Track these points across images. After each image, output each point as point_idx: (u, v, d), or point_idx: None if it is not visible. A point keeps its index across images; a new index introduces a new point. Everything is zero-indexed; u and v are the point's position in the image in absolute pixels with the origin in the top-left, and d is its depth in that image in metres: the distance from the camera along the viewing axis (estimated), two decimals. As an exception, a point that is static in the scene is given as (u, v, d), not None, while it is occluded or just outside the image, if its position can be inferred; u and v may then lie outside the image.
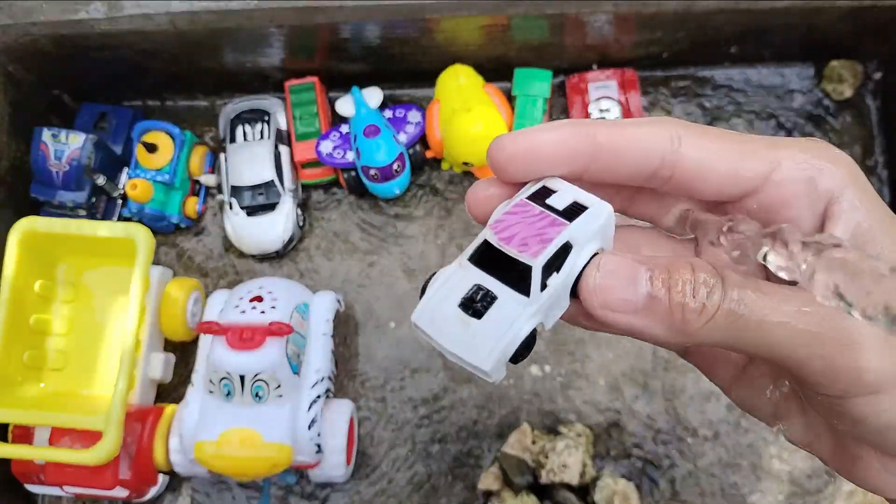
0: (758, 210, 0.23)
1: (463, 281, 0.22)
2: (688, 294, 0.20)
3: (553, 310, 0.22)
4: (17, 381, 0.57)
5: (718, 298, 0.20)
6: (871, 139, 0.66)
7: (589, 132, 0.22)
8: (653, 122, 0.23)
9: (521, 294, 0.21)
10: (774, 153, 0.22)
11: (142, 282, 0.55)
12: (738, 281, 0.20)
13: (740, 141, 0.23)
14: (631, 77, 0.64)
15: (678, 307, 0.20)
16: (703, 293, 0.20)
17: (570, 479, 0.55)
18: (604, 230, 0.22)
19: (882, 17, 0.58)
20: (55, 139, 0.60)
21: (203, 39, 0.58)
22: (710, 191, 0.23)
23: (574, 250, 0.22)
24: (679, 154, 0.22)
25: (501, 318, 0.21)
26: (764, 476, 0.60)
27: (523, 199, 0.23)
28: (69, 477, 0.56)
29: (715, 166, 0.22)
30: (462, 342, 0.21)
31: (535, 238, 0.22)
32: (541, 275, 0.21)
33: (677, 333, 0.21)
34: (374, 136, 0.61)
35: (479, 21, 0.57)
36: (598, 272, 0.21)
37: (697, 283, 0.20)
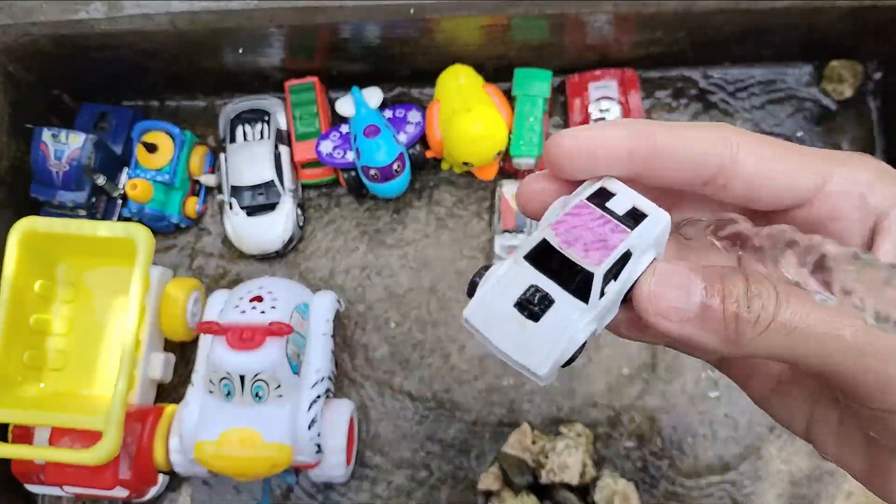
0: (806, 222, 0.23)
1: (518, 279, 0.22)
2: (742, 305, 0.20)
3: (607, 316, 0.22)
4: (17, 381, 0.57)
5: (773, 310, 0.20)
6: (871, 139, 0.66)
7: (649, 133, 0.22)
8: (711, 127, 0.23)
9: (579, 300, 0.21)
10: (828, 166, 0.22)
11: (142, 282, 0.55)
12: (793, 291, 0.20)
13: (796, 152, 0.23)
14: (631, 77, 0.64)
15: (732, 317, 0.20)
16: (758, 304, 0.20)
17: (570, 479, 0.55)
18: (659, 239, 0.22)
19: (882, 17, 0.58)
20: (55, 139, 0.60)
21: (203, 39, 0.58)
22: (763, 201, 0.23)
23: (633, 258, 0.21)
24: (736, 161, 0.22)
25: (559, 324, 0.21)
26: (764, 476, 0.60)
27: (583, 200, 0.22)
28: (69, 477, 0.56)
29: (771, 176, 0.22)
30: (517, 344, 0.21)
31: (597, 244, 0.21)
32: (601, 282, 0.21)
33: (729, 344, 0.21)
34: (374, 136, 0.61)
35: (479, 21, 0.57)
36: (654, 279, 0.21)
37: (752, 294, 0.20)
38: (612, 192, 0.22)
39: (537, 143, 0.62)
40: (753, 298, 0.20)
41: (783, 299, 0.20)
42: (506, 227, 0.63)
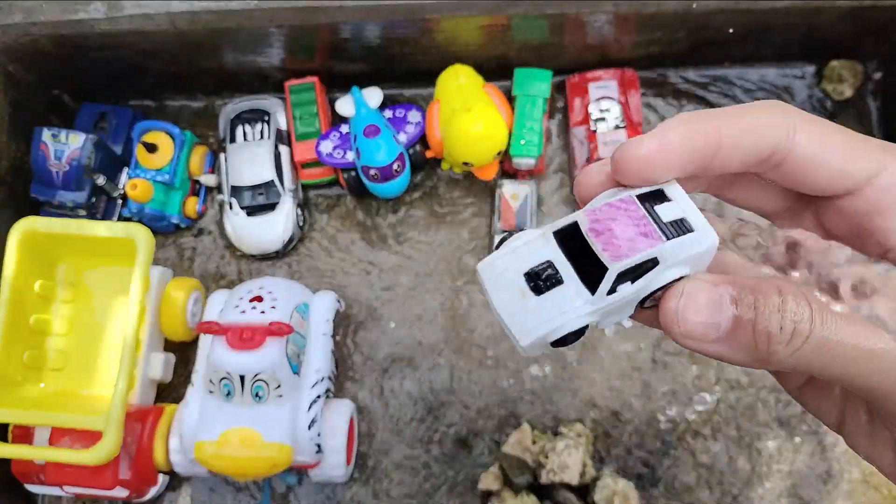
0: (854, 213, 0.22)
1: (539, 251, 0.22)
2: (774, 324, 0.20)
3: (614, 315, 0.22)
4: (17, 381, 0.57)
5: (807, 329, 0.20)
6: (871, 139, 0.66)
7: (713, 127, 0.22)
8: (769, 109, 0.22)
9: (586, 289, 0.21)
10: (884, 157, 0.22)
11: (142, 282, 0.55)
12: (826, 306, 0.20)
13: (855, 139, 0.22)
14: (631, 77, 0.64)
15: (763, 338, 0.20)
16: (791, 322, 0.20)
17: (570, 479, 0.55)
18: (700, 258, 0.22)
19: (882, 17, 0.58)
20: (55, 139, 0.60)
21: (203, 39, 0.58)
22: (817, 184, 0.22)
23: (659, 268, 0.21)
24: (793, 142, 0.22)
25: (558, 304, 0.21)
26: (764, 476, 0.60)
27: (632, 195, 0.22)
28: (69, 477, 0.56)
29: (827, 159, 0.22)
30: (512, 311, 0.21)
31: (624, 242, 0.21)
32: (613, 280, 0.21)
33: (760, 361, 0.21)
34: (374, 136, 0.61)
35: (479, 21, 0.57)
36: (682, 300, 0.21)
37: (785, 312, 0.20)
38: (668, 196, 0.22)
39: (537, 143, 0.62)
40: (787, 315, 0.20)
41: (817, 316, 0.20)
42: (506, 226, 0.63)
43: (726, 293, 0.21)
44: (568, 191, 0.66)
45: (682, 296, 0.21)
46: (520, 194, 0.64)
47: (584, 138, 0.64)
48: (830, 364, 0.20)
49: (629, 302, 0.22)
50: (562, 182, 0.66)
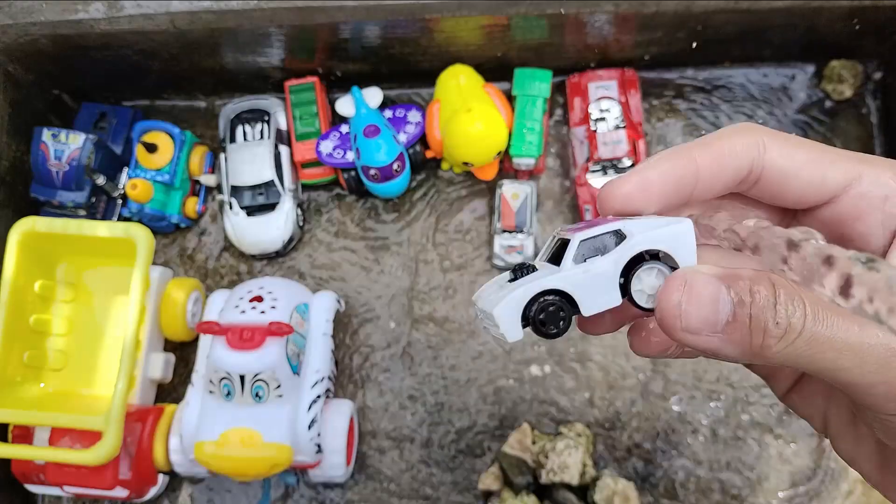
0: (832, 221, 0.23)
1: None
2: (770, 318, 0.20)
3: (592, 294, 0.22)
4: (17, 381, 0.57)
5: (801, 324, 0.20)
6: (871, 139, 0.66)
7: (689, 159, 0.23)
8: (740, 132, 0.23)
9: (555, 266, 0.22)
10: (857, 167, 0.23)
11: (142, 282, 0.55)
12: (818, 301, 0.20)
13: (824, 150, 0.23)
14: (631, 77, 0.64)
15: (759, 332, 0.20)
16: (785, 318, 0.20)
17: (570, 479, 0.55)
18: (676, 238, 0.22)
19: (882, 17, 0.58)
20: (55, 139, 0.60)
21: (203, 39, 0.58)
22: (791, 197, 0.23)
23: (628, 241, 0.22)
24: (765, 160, 0.23)
25: (527, 280, 0.22)
26: (763, 476, 0.60)
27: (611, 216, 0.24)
28: (69, 477, 0.56)
29: (798, 172, 0.23)
30: (489, 299, 0.23)
31: (588, 225, 0.23)
32: (576, 248, 0.22)
33: (753, 356, 0.21)
34: (374, 136, 0.61)
35: (479, 21, 0.57)
36: (685, 294, 0.21)
37: (780, 305, 0.20)
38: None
39: (537, 143, 0.62)
40: (781, 310, 0.20)
41: (810, 311, 0.20)
42: (506, 226, 0.63)
43: (725, 286, 0.21)
44: (567, 191, 0.66)
45: (685, 288, 0.21)
46: (520, 194, 0.64)
47: (584, 138, 0.64)
48: (819, 358, 0.20)
49: (608, 280, 0.22)
50: (562, 182, 0.66)
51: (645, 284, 0.22)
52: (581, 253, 0.22)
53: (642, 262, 0.22)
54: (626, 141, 0.62)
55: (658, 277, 0.22)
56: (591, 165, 0.63)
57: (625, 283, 0.22)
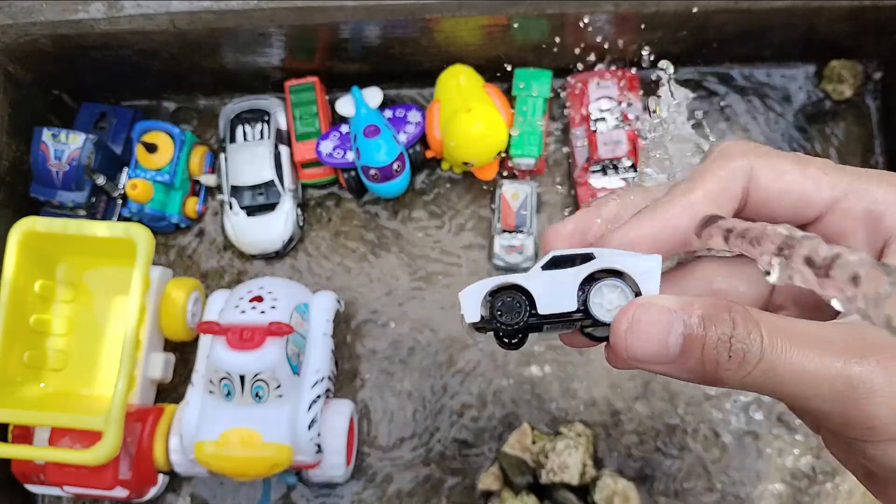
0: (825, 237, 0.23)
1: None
2: (723, 352, 0.20)
3: (551, 296, 0.23)
4: (17, 381, 0.57)
5: (756, 356, 0.20)
6: (871, 139, 0.66)
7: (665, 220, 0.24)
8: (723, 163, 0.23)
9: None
10: (843, 182, 0.23)
11: (142, 282, 0.55)
12: (781, 332, 0.20)
13: (810, 166, 0.23)
14: (631, 77, 0.64)
15: (712, 364, 0.21)
16: (740, 351, 0.20)
17: (570, 479, 0.55)
18: (641, 268, 0.23)
19: (882, 17, 0.58)
20: (55, 139, 0.60)
21: (203, 39, 0.58)
22: (782, 215, 0.23)
23: (595, 262, 0.23)
24: (751, 182, 0.23)
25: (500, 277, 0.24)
26: (764, 476, 0.60)
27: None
28: (69, 477, 0.56)
29: (786, 190, 0.23)
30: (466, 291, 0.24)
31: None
32: (548, 258, 0.24)
33: (711, 383, 0.21)
34: (374, 136, 0.61)
35: (479, 21, 0.57)
36: (631, 324, 0.21)
37: (735, 338, 0.20)
38: None
39: (537, 144, 0.62)
40: (736, 342, 0.20)
41: (767, 342, 0.20)
42: (506, 226, 0.63)
43: (678, 317, 0.21)
44: (568, 191, 0.66)
45: (633, 318, 0.21)
46: (520, 194, 0.64)
47: (584, 138, 0.64)
48: (777, 387, 0.21)
49: (568, 287, 0.23)
50: (562, 182, 0.66)
51: (605, 299, 0.23)
52: (551, 264, 0.24)
53: (604, 278, 0.23)
54: (625, 141, 0.62)
55: (619, 296, 0.23)
56: (591, 165, 0.63)
57: (585, 296, 0.23)
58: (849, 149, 0.66)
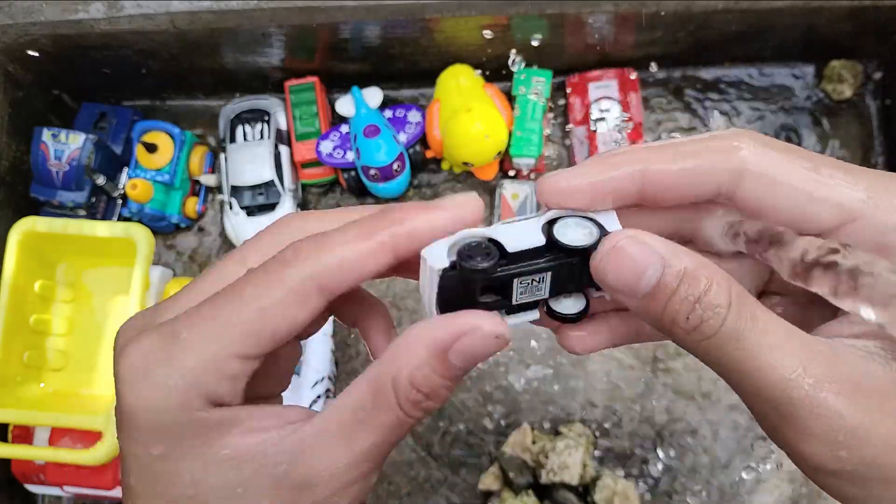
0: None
1: None
2: (681, 313, 0.20)
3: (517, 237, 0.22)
4: (17, 381, 0.57)
5: (713, 328, 0.19)
6: (871, 139, 0.66)
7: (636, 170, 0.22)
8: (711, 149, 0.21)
9: None
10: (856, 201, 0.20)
11: (142, 282, 0.55)
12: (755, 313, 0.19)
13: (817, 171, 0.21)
14: (631, 77, 0.64)
15: (669, 318, 0.20)
16: (698, 318, 0.19)
17: (570, 479, 0.55)
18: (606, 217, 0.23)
19: (882, 17, 0.58)
20: (55, 139, 0.60)
21: (203, 39, 0.58)
22: (773, 219, 0.22)
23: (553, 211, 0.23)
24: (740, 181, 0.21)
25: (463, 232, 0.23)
26: (764, 476, 0.60)
27: None
28: (69, 477, 0.56)
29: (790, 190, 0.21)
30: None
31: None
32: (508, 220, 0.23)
33: (664, 334, 0.21)
34: (374, 136, 0.61)
35: (480, 21, 0.57)
36: (613, 246, 0.21)
37: (701, 303, 0.19)
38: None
39: (537, 144, 0.62)
40: (698, 308, 0.19)
41: (731, 317, 0.19)
42: (506, 227, 0.63)
43: (659, 259, 0.20)
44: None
45: (617, 244, 0.21)
46: (520, 194, 0.64)
47: (585, 138, 0.64)
48: (724, 371, 0.20)
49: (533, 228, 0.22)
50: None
51: (570, 232, 0.22)
52: (510, 220, 0.23)
53: (565, 216, 0.22)
54: (626, 141, 0.62)
55: (585, 235, 0.22)
56: (591, 165, 0.63)
57: (550, 231, 0.22)
58: (849, 149, 0.66)
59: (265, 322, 0.20)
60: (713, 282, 0.20)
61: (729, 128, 0.23)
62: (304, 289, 0.20)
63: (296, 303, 0.20)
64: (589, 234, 0.22)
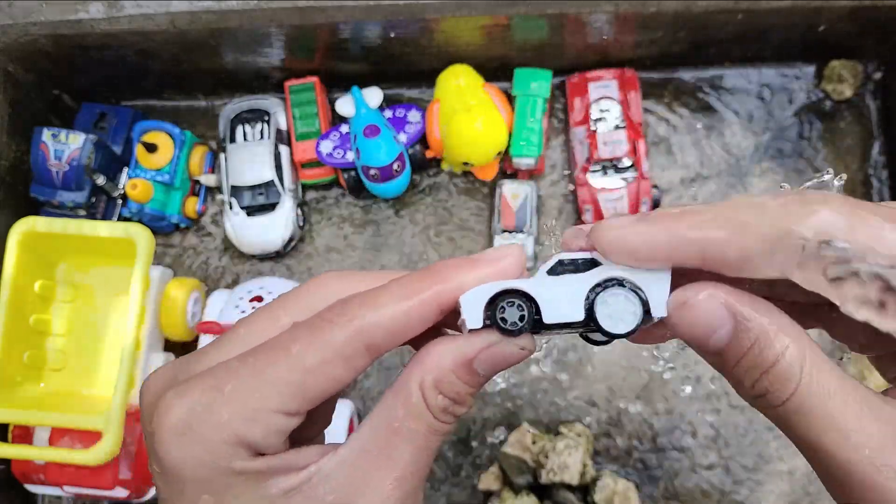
0: None
1: None
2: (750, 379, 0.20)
3: (556, 303, 0.22)
4: (17, 381, 0.57)
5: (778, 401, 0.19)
6: (871, 139, 0.66)
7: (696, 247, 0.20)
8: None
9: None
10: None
11: (142, 282, 0.55)
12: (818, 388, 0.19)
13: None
14: (631, 77, 0.64)
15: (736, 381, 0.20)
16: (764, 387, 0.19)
17: (570, 479, 0.55)
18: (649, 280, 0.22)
19: (882, 17, 0.58)
20: (55, 139, 0.60)
21: (203, 39, 0.58)
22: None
23: (600, 268, 0.22)
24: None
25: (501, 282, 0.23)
26: (763, 476, 0.60)
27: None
28: (69, 477, 0.56)
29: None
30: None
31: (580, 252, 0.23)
32: (553, 262, 0.23)
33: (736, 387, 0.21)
34: (374, 136, 0.61)
35: (480, 21, 0.57)
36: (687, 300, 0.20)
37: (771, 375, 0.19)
38: None
39: (537, 143, 0.62)
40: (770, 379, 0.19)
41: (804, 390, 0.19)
42: (505, 226, 0.63)
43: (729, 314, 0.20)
44: (567, 191, 0.66)
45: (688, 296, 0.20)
46: (520, 194, 0.64)
47: (584, 138, 0.64)
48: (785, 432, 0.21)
49: (574, 294, 0.22)
50: (562, 182, 0.66)
51: (611, 308, 0.22)
52: (556, 268, 0.23)
53: (611, 286, 0.22)
54: (625, 141, 0.62)
55: (626, 303, 0.22)
56: (591, 165, 0.63)
57: (591, 304, 0.22)
58: (848, 149, 0.66)
59: (311, 381, 0.20)
60: (786, 351, 0.19)
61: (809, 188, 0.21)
62: (352, 348, 0.20)
63: (343, 362, 0.20)
64: (634, 314, 0.22)
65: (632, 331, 0.22)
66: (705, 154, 0.66)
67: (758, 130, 0.66)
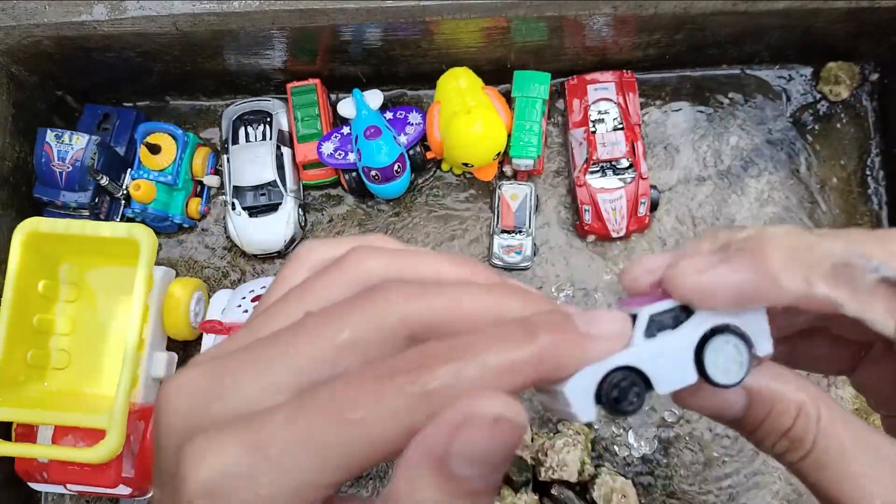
0: None
1: None
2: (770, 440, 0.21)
3: (666, 371, 0.21)
4: (21, 381, 0.57)
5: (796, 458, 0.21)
6: (868, 141, 0.67)
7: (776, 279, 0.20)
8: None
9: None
10: None
11: (145, 282, 0.55)
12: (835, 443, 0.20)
13: None
14: (629, 79, 0.65)
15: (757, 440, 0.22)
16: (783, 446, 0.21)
17: (569, 476, 0.56)
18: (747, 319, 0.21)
19: (879, 19, 0.58)
20: (59, 140, 0.60)
21: (205, 41, 0.59)
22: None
23: (696, 318, 0.21)
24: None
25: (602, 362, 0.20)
26: (763, 476, 0.61)
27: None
28: (72, 475, 0.56)
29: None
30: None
31: (652, 299, 0.21)
32: (646, 323, 0.20)
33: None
34: (375, 138, 0.61)
35: (479, 23, 0.57)
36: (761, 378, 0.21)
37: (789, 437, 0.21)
38: None
39: (536, 145, 0.63)
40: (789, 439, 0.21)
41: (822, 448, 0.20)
42: (505, 227, 0.64)
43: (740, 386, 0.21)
44: (566, 191, 0.66)
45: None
46: (519, 195, 0.64)
47: (583, 139, 0.64)
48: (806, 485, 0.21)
49: (681, 355, 0.21)
50: (561, 183, 0.67)
51: (720, 360, 0.21)
52: (650, 328, 0.20)
53: (715, 336, 0.21)
54: (624, 142, 0.63)
55: (734, 352, 0.21)
56: (590, 166, 0.63)
57: (700, 361, 0.21)
58: (845, 150, 0.66)
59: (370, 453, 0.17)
60: (800, 413, 0.20)
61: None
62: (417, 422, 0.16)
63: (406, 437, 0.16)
64: (740, 365, 0.21)
65: (744, 377, 0.21)
66: (703, 155, 0.66)
67: (755, 131, 0.67)
